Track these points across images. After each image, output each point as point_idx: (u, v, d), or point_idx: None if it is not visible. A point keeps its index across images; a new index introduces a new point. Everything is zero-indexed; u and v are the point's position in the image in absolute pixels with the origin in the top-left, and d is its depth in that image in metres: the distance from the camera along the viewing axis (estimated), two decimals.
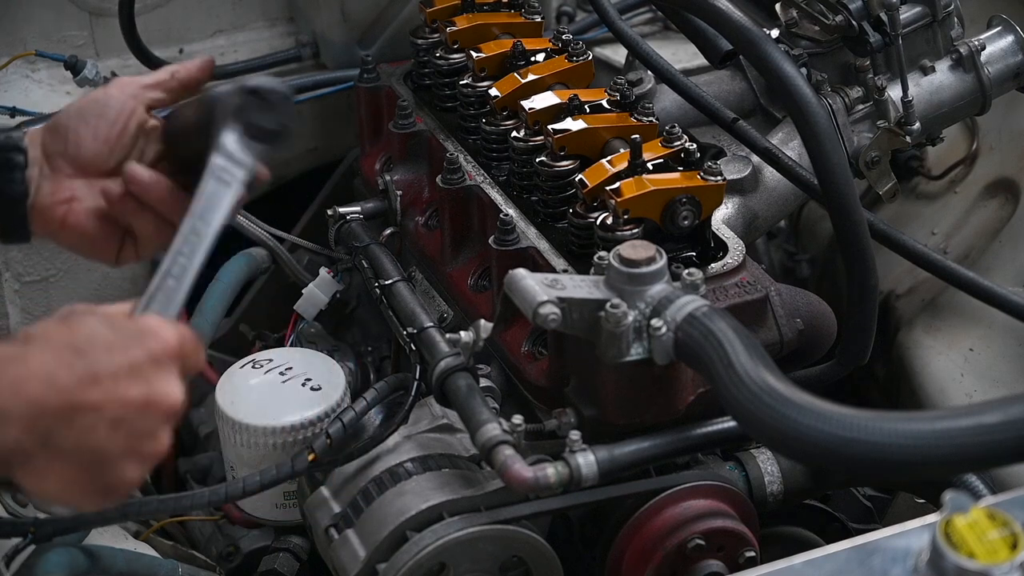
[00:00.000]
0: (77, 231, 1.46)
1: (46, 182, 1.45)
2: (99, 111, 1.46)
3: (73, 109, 1.47)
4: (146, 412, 1.22)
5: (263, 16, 2.57)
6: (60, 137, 1.45)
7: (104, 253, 1.49)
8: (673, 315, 1.51)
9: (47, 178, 1.45)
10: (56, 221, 1.45)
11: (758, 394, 1.37)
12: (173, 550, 1.95)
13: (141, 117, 1.49)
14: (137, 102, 1.48)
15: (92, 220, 1.46)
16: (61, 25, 2.43)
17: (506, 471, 1.55)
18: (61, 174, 1.45)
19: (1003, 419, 1.24)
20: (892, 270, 2.27)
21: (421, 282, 2.00)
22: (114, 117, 1.46)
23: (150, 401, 1.22)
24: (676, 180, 1.71)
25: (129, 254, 1.50)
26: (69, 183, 1.45)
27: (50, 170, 1.45)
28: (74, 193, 1.45)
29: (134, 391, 1.21)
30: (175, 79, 1.52)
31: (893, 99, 2.00)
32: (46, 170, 1.45)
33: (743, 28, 1.73)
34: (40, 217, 1.45)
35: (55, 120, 1.47)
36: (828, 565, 1.16)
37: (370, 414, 1.80)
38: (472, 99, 1.98)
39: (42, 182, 1.44)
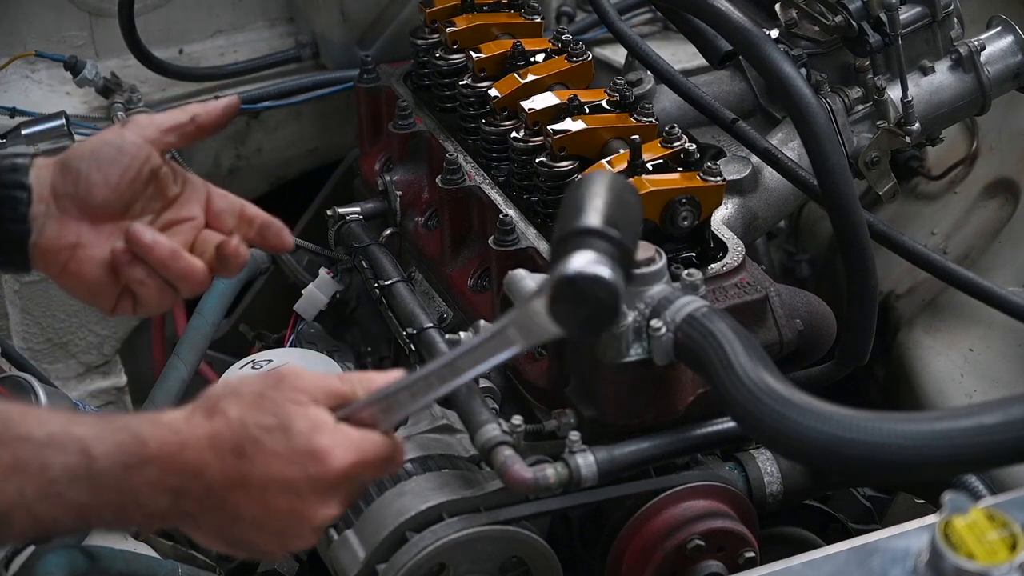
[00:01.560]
0: (78, 278, 1.40)
1: (52, 222, 1.38)
2: (113, 156, 1.38)
3: (86, 150, 1.40)
4: (290, 523, 1.24)
5: (263, 16, 2.57)
6: (71, 178, 1.38)
7: (102, 302, 1.43)
8: (672, 316, 1.51)
9: (53, 218, 1.38)
10: (58, 265, 1.40)
11: (757, 395, 1.37)
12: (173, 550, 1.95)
13: (155, 163, 1.41)
14: (153, 147, 1.41)
15: (94, 270, 1.40)
16: (61, 25, 2.43)
17: (506, 472, 1.55)
18: (68, 216, 1.39)
19: (1003, 420, 1.24)
20: (892, 270, 2.27)
21: (421, 283, 2.00)
22: (127, 163, 1.38)
23: (296, 515, 1.23)
24: (676, 181, 1.71)
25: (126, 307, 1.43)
26: (75, 227, 1.39)
27: (57, 210, 1.38)
28: (79, 239, 1.39)
29: (282, 503, 1.22)
30: (194, 124, 1.43)
31: (893, 99, 2.00)
32: (53, 209, 1.38)
33: (743, 28, 1.73)
34: (42, 258, 1.40)
35: (67, 158, 1.40)
36: (827, 566, 1.16)
37: None
38: (472, 99, 1.98)
39: (47, 221, 1.38)
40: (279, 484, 1.22)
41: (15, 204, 1.37)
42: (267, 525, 1.23)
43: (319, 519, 1.25)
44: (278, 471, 1.22)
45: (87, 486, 1.18)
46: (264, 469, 1.22)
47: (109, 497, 1.19)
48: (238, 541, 1.26)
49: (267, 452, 1.22)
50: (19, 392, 1.82)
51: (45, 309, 2.38)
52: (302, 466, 1.23)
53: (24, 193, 1.37)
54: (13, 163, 1.39)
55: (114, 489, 1.19)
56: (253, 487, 1.22)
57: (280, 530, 1.25)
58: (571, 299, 1.24)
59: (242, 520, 1.23)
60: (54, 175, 1.40)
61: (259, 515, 1.23)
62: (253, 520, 1.23)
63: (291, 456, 1.22)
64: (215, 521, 1.24)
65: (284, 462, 1.22)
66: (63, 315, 2.39)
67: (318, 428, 1.24)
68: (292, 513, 1.23)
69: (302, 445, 1.23)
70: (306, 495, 1.23)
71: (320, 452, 1.23)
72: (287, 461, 1.22)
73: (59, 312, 2.39)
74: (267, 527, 1.24)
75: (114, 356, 2.48)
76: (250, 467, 1.21)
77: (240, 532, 1.24)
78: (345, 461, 1.24)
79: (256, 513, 1.23)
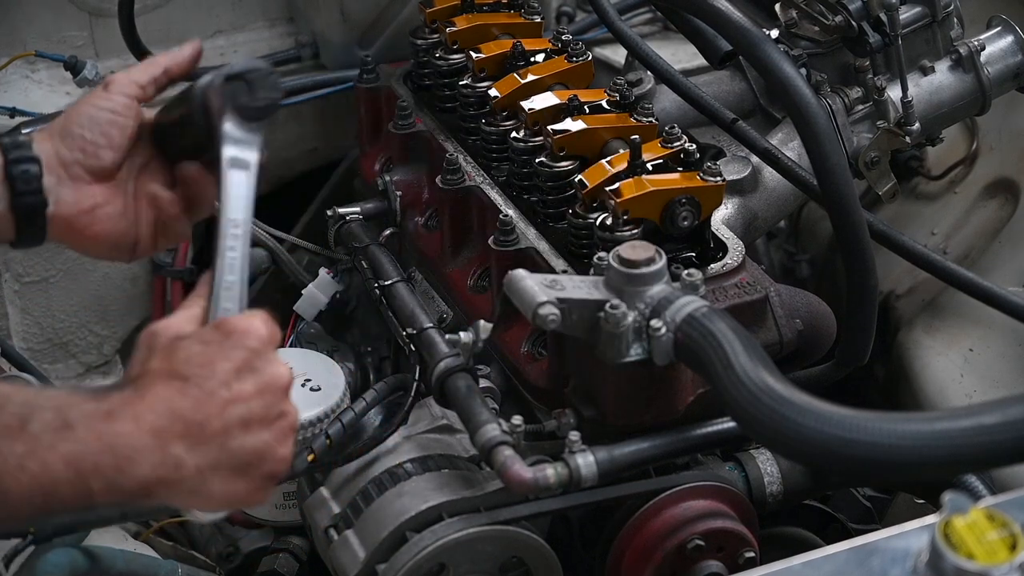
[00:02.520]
0: (102, 238, 1.47)
1: (66, 191, 1.44)
2: (110, 118, 1.45)
3: (83, 116, 1.46)
4: (265, 398, 1.26)
5: (263, 16, 2.57)
6: (75, 145, 1.44)
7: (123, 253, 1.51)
8: (672, 316, 1.51)
9: (67, 186, 1.44)
10: (79, 230, 1.46)
11: (757, 395, 1.37)
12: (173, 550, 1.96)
13: (143, 117, 1.50)
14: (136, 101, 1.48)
15: (117, 225, 1.47)
16: (61, 25, 2.43)
17: (505, 472, 1.55)
18: (81, 182, 1.44)
19: (1002, 420, 1.24)
20: (892, 270, 2.27)
21: (421, 283, 2.00)
22: (124, 123, 1.46)
23: (265, 388, 1.26)
24: (676, 181, 1.71)
25: (147, 248, 1.53)
26: (90, 191, 1.45)
27: (69, 178, 1.44)
28: (96, 201, 1.46)
29: (248, 386, 1.25)
30: (167, 76, 1.52)
31: (893, 99, 2.00)
32: (64, 177, 1.44)
33: (743, 29, 1.73)
34: (62, 226, 1.45)
35: (66, 125, 1.45)
36: (827, 566, 1.16)
37: (370, 415, 1.80)
38: (472, 100, 1.98)
39: (61, 190, 1.44)
40: (232, 374, 1.25)
41: (28, 177, 1.41)
42: (252, 419, 1.24)
43: (282, 381, 1.28)
44: (223, 365, 1.25)
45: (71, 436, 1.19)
46: (210, 373, 1.24)
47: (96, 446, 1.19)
48: (249, 461, 1.24)
49: (200, 361, 1.25)
50: None
51: (45, 309, 2.38)
52: (234, 347, 1.27)
53: (35, 165, 1.42)
54: (15, 139, 1.43)
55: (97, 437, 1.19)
56: (217, 392, 1.24)
57: (267, 416, 1.25)
58: (241, 90, 1.42)
59: (232, 433, 1.23)
60: (56, 145, 1.45)
61: (240, 413, 1.24)
62: (240, 422, 1.24)
63: (220, 350, 1.26)
64: (215, 454, 1.23)
65: (220, 357, 1.26)
66: (63, 315, 2.40)
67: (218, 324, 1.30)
68: (261, 390, 1.25)
69: (219, 335, 1.28)
70: (258, 367, 1.26)
71: (236, 328, 1.28)
72: (221, 355, 1.26)
73: (59, 312, 2.39)
74: (253, 421, 1.25)
75: (114, 356, 2.48)
76: (202, 381, 1.24)
77: (238, 446, 1.24)
78: (259, 322, 1.29)
79: (238, 413, 1.24)
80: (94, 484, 1.19)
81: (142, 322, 2.46)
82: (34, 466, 1.18)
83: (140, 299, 2.45)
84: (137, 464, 1.20)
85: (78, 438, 1.19)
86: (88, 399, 1.22)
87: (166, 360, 1.26)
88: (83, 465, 1.19)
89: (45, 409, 1.20)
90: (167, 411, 1.22)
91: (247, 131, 1.41)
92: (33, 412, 1.20)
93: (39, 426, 1.19)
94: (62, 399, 1.22)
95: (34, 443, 1.18)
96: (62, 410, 1.20)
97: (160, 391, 1.23)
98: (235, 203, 1.38)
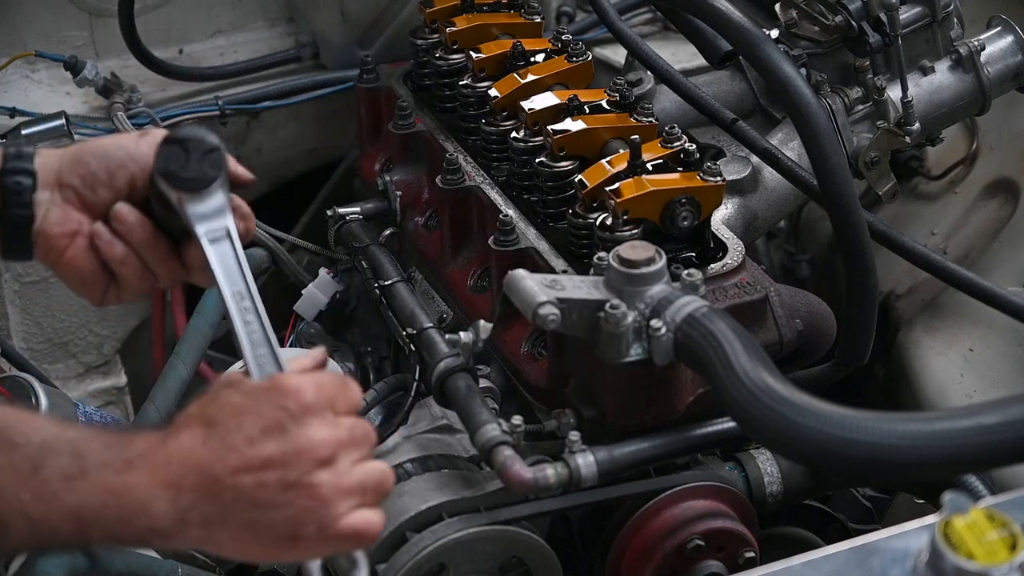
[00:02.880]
0: (73, 266, 1.44)
1: (56, 209, 1.42)
2: (123, 160, 1.43)
3: (99, 148, 1.44)
4: (289, 464, 1.20)
5: (263, 16, 2.57)
6: (78, 172, 1.43)
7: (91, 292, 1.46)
8: (672, 316, 1.51)
9: (57, 205, 1.43)
10: (57, 251, 1.43)
11: (757, 395, 1.37)
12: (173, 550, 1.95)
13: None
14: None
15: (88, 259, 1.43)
16: (61, 25, 2.43)
17: (505, 472, 1.55)
18: (71, 205, 1.43)
19: (1002, 420, 1.24)
20: (892, 270, 2.27)
21: (421, 283, 2.00)
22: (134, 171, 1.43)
23: (289, 453, 1.20)
24: (676, 181, 1.71)
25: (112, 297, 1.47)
26: (77, 216, 1.43)
27: (61, 199, 1.43)
28: (80, 228, 1.43)
29: (270, 448, 1.19)
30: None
31: (893, 99, 2.00)
32: (57, 197, 1.43)
33: (743, 29, 1.73)
34: (44, 244, 1.43)
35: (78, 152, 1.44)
36: (827, 566, 1.16)
37: (370, 414, 1.80)
38: (472, 100, 1.98)
39: (51, 208, 1.42)
40: (259, 430, 1.20)
41: (19, 189, 1.40)
42: (269, 483, 1.19)
43: (315, 450, 1.20)
44: (252, 420, 1.20)
45: (81, 487, 1.18)
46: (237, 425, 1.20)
47: (104, 498, 1.18)
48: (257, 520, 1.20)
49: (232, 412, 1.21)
50: (19, 392, 1.82)
51: (45, 309, 2.37)
52: (269, 402, 1.21)
53: (29, 179, 1.41)
54: (18, 150, 1.42)
55: (108, 489, 1.19)
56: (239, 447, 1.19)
57: (287, 484, 1.19)
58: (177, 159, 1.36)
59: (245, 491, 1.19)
60: (62, 164, 1.44)
61: (258, 476, 1.19)
62: (256, 483, 1.19)
63: (255, 403, 1.22)
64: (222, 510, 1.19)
65: (251, 411, 1.21)
66: (63, 315, 2.39)
67: (268, 378, 1.26)
68: (285, 455, 1.20)
69: (261, 389, 1.23)
70: (290, 429, 1.21)
71: (279, 385, 1.23)
72: (253, 409, 1.21)
73: (59, 312, 2.39)
74: (270, 485, 1.19)
75: (114, 356, 2.48)
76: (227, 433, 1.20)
77: (249, 507, 1.19)
78: (308, 380, 1.24)
79: (255, 475, 1.19)
80: (94, 532, 1.19)
81: (142, 322, 2.46)
82: (37, 514, 1.17)
83: (140, 299, 2.45)
84: (141, 516, 1.19)
85: (88, 490, 1.18)
86: (111, 445, 1.21)
87: (204, 406, 1.23)
88: (86, 515, 1.18)
89: (62, 454, 1.19)
90: (183, 460, 1.20)
91: (206, 200, 1.36)
92: (47, 457, 1.18)
93: (51, 472, 1.18)
94: (83, 444, 1.20)
95: (41, 490, 1.17)
96: (80, 456, 1.19)
97: (184, 438, 1.21)
98: (230, 278, 1.36)
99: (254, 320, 1.34)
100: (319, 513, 1.20)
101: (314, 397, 1.22)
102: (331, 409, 1.24)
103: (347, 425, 1.24)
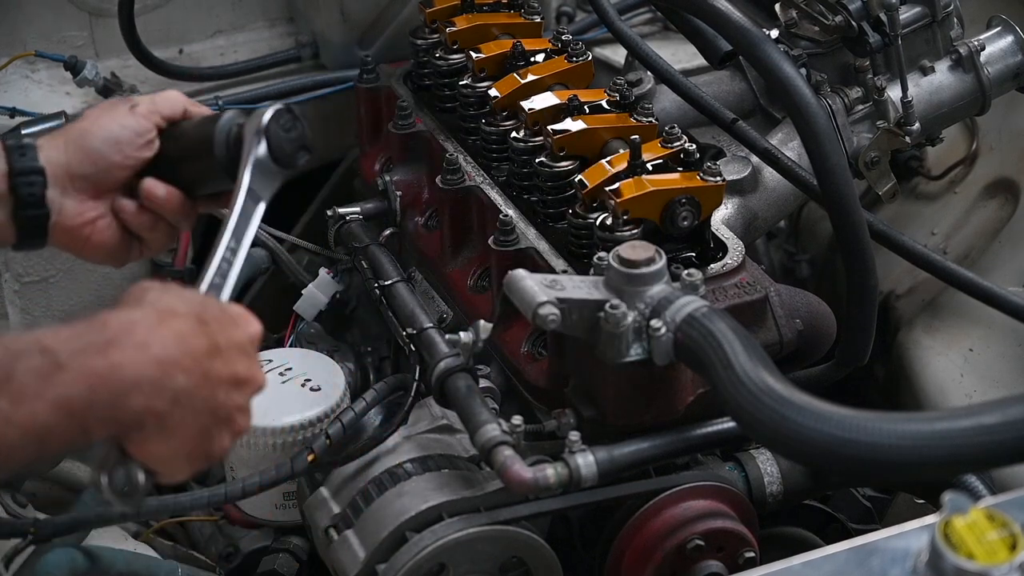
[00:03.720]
0: (101, 246, 1.52)
1: (70, 202, 1.47)
2: (130, 138, 1.49)
3: (104, 132, 1.49)
4: (244, 387, 1.30)
5: (263, 16, 2.57)
6: (90, 160, 1.48)
7: (117, 260, 1.55)
8: (672, 316, 1.51)
9: (71, 198, 1.47)
10: (81, 240, 1.50)
11: (757, 395, 1.37)
12: (173, 550, 1.96)
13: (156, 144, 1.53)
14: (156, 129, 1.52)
15: (114, 234, 1.51)
16: (61, 25, 2.43)
17: (505, 472, 1.55)
18: (85, 195, 1.48)
19: (1002, 420, 1.24)
20: (892, 270, 2.27)
21: (421, 283, 2.00)
22: (142, 144, 1.50)
23: (248, 379, 1.30)
24: (675, 181, 1.71)
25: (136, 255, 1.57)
26: (92, 204, 1.49)
27: (73, 190, 1.47)
28: (98, 212, 1.50)
29: (241, 367, 1.29)
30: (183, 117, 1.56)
31: (893, 99, 2.00)
32: (69, 189, 1.47)
33: (743, 29, 1.73)
34: (64, 235, 1.49)
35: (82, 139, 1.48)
36: (827, 566, 1.16)
37: (370, 415, 1.80)
38: (472, 100, 1.98)
39: (65, 202, 1.47)
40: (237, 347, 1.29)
41: (32, 189, 1.44)
42: (232, 395, 1.27)
43: (258, 382, 1.31)
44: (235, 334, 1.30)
45: (61, 379, 1.17)
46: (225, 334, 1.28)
47: (91, 383, 1.18)
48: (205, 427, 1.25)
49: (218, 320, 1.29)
50: None
51: (45, 309, 2.37)
52: (242, 327, 1.31)
53: (40, 177, 1.44)
54: (21, 144, 1.42)
55: (92, 374, 1.18)
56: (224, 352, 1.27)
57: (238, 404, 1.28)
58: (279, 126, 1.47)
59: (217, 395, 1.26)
60: (70, 155, 1.47)
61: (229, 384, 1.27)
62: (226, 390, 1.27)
63: (234, 321, 1.31)
64: (195, 404, 1.24)
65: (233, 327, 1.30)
66: (63, 315, 2.39)
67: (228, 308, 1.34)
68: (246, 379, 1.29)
69: (231, 312, 1.33)
70: (251, 357, 1.31)
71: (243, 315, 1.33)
72: (234, 326, 1.30)
73: (59, 312, 2.39)
74: (232, 397, 1.27)
75: None
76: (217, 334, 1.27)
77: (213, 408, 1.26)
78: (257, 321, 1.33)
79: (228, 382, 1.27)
80: (89, 422, 1.18)
81: None
82: (22, 418, 1.16)
83: None
84: (134, 395, 1.20)
85: (69, 380, 1.17)
86: (83, 331, 1.21)
87: (190, 304, 1.28)
88: (75, 406, 1.17)
89: (31, 354, 1.18)
90: (180, 343, 1.23)
91: (271, 167, 1.46)
92: (17, 360, 1.17)
93: (24, 376, 1.17)
94: (50, 338, 1.19)
95: (20, 394, 1.16)
96: (51, 351, 1.18)
97: (178, 324, 1.24)
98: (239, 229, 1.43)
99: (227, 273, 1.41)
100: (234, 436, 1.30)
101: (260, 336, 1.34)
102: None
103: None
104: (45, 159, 1.44)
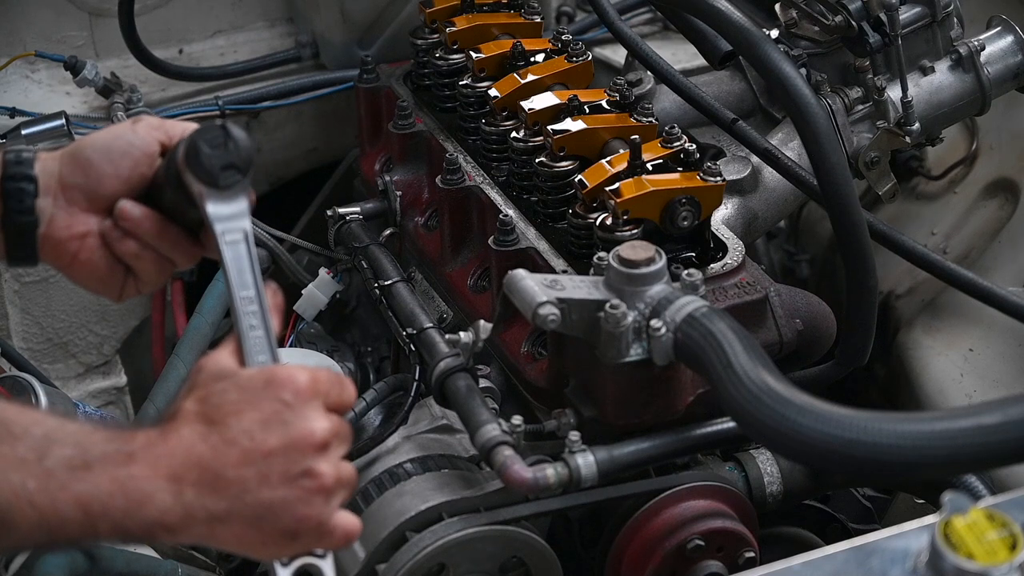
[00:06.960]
0: (87, 267, 1.44)
1: (61, 213, 1.41)
2: (124, 149, 1.42)
3: (99, 143, 1.43)
4: (291, 455, 1.21)
5: (263, 16, 2.57)
6: (81, 170, 1.41)
7: (109, 289, 1.47)
8: (672, 316, 1.51)
9: (62, 209, 1.41)
10: (68, 255, 1.43)
11: (757, 395, 1.37)
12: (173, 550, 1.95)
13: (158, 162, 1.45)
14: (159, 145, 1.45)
15: (102, 257, 1.43)
16: (61, 25, 2.43)
17: (505, 471, 1.55)
18: (76, 207, 1.42)
19: (1002, 420, 1.24)
20: (892, 270, 2.27)
21: (421, 283, 2.00)
22: (138, 157, 1.42)
23: (291, 444, 1.21)
24: (675, 181, 1.71)
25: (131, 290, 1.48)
26: (84, 218, 1.42)
27: (65, 202, 1.41)
28: (89, 228, 1.42)
29: (272, 440, 1.21)
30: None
31: (893, 99, 2.00)
32: (61, 200, 1.41)
33: (743, 29, 1.73)
34: (52, 249, 1.42)
35: (77, 150, 1.43)
36: (827, 566, 1.16)
37: (370, 415, 1.80)
38: (472, 99, 1.99)
39: (56, 212, 1.41)
40: (259, 424, 1.21)
41: (21, 196, 1.39)
42: (272, 475, 1.20)
43: (313, 438, 1.22)
44: (252, 414, 1.22)
45: (87, 477, 1.18)
46: (237, 420, 1.21)
47: (110, 489, 1.19)
48: (262, 515, 1.21)
49: (231, 407, 1.22)
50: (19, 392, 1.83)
51: (45, 309, 2.37)
52: (268, 395, 1.23)
53: (31, 185, 1.39)
54: (18, 155, 1.41)
55: (113, 480, 1.19)
56: (240, 441, 1.21)
57: (290, 474, 1.21)
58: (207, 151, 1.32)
59: (249, 485, 1.20)
60: (62, 166, 1.42)
61: (260, 468, 1.20)
62: (259, 476, 1.20)
63: (253, 397, 1.23)
64: (227, 505, 1.21)
65: (250, 405, 1.22)
66: (63, 315, 2.39)
67: (262, 371, 1.26)
68: (286, 446, 1.21)
69: (257, 381, 1.24)
70: (289, 420, 1.22)
71: (275, 377, 1.24)
72: (252, 403, 1.22)
73: (59, 312, 2.39)
74: (273, 477, 1.20)
75: (114, 356, 2.48)
76: (224, 425, 1.21)
77: (255, 502, 1.21)
78: (303, 372, 1.25)
79: (257, 467, 1.20)
80: (101, 525, 1.19)
81: (142, 322, 2.46)
82: (44, 503, 1.17)
83: (140, 299, 2.45)
84: (147, 507, 1.19)
85: (93, 480, 1.18)
86: (112, 439, 1.21)
87: (200, 402, 1.24)
88: (93, 507, 1.18)
89: (65, 444, 1.19)
90: (185, 456, 1.20)
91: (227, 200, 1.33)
92: (51, 447, 1.19)
93: (56, 462, 1.18)
94: (85, 436, 1.20)
95: (47, 480, 1.17)
96: (83, 447, 1.19)
97: (184, 434, 1.22)
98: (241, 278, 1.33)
99: (259, 325, 1.32)
100: (318, 503, 1.22)
101: (308, 387, 1.24)
102: (324, 401, 1.25)
103: (337, 418, 1.26)
104: (40, 168, 1.40)
